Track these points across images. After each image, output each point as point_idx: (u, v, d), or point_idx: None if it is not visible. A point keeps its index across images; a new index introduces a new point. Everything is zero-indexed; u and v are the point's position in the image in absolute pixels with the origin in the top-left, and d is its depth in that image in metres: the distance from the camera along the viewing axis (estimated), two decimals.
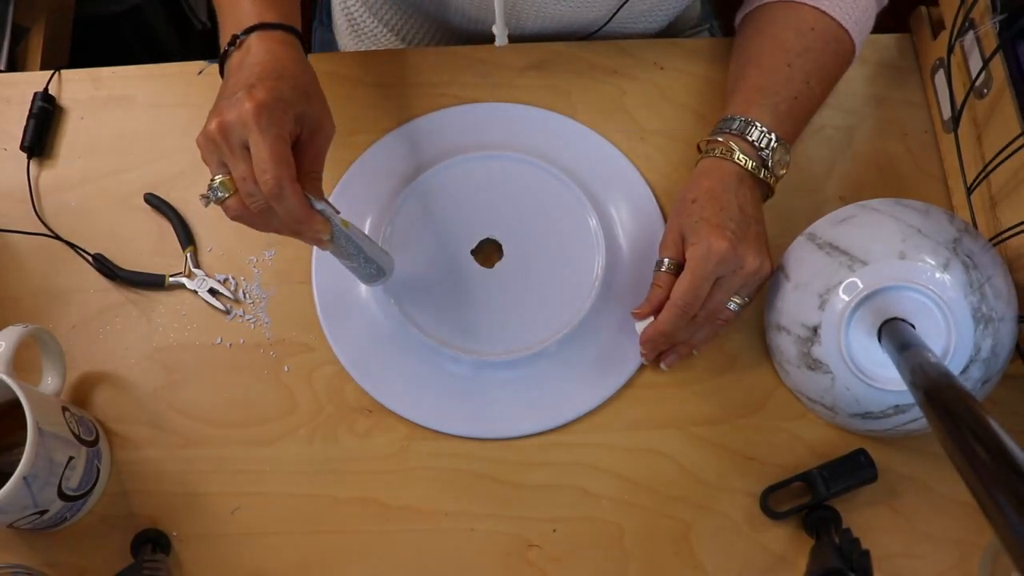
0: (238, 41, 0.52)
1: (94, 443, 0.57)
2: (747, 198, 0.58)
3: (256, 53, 0.51)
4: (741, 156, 0.58)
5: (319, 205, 0.51)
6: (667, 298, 0.57)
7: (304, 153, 0.51)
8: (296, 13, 0.55)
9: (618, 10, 0.69)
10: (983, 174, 0.61)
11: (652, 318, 0.58)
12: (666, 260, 0.59)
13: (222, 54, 0.53)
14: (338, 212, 0.53)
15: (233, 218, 0.51)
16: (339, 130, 0.67)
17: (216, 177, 0.50)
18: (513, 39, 0.70)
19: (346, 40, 0.86)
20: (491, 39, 0.67)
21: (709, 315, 0.58)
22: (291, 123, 0.49)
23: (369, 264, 0.57)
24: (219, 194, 0.50)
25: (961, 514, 0.59)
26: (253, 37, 0.52)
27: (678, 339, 0.59)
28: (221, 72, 0.54)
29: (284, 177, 0.47)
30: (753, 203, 0.59)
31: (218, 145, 0.49)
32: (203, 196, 0.51)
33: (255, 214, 0.50)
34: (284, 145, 0.48)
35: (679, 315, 0.56)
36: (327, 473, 0.60)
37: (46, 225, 0.66)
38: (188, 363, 0.62)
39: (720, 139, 0.60)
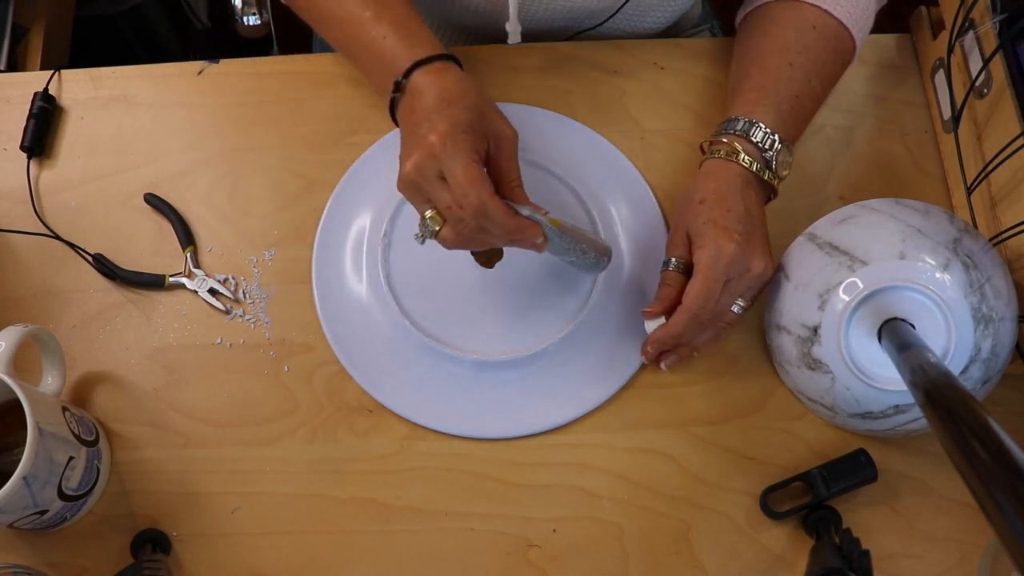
0: (401, 86, 0.55)
1: (94, 443, 0.57)
2: (752, 200, 0.58)
3: (423, 90, 0.54)
4: (746, 158, 0.58)
5: (525, 211, 0.52)
6: (677, 297, 0.57)
7: (497, 166, 0.54)
8: (435, 39, 0.57)
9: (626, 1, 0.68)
10: (983, 174, 0.61)
11: (663, 318, 0.58)
12: (674, 259, 0.59)
13: (390, 102, 0.57)
14: (546, 213, 0.54)
15: (451, 247, 0.53)
16: (339, 131, 0.68)
17: (426, 212, 0.52)
18: (523, 34, 0.70)
19: None
20: (502, 36, 0.66)
21: (714, 318, 0.58)
22: (475, 142, 0.51)
23: (586, 255, 0.58)
24: (432, 227, 0.52)
25: (961, 514, 0.59)
26: (415, 77, 0.55)
27: (684, 341, 0.59)
28: (394, 119, 0.58)
29: (484, 194, 0.50)
30: (758, 205, 0.59)
31: (417, 184, 0.52)
32: (417, 235, 0.53)
33: (468, 237, 0.52)
34: (475, 166, 0.50)
35: (692, 319, 0.56)
36: (327, 473, 0.60)
37: (46, 225, 0.66)
38: (188, 363, 0.62)
39: (724, 140, 0.60)
